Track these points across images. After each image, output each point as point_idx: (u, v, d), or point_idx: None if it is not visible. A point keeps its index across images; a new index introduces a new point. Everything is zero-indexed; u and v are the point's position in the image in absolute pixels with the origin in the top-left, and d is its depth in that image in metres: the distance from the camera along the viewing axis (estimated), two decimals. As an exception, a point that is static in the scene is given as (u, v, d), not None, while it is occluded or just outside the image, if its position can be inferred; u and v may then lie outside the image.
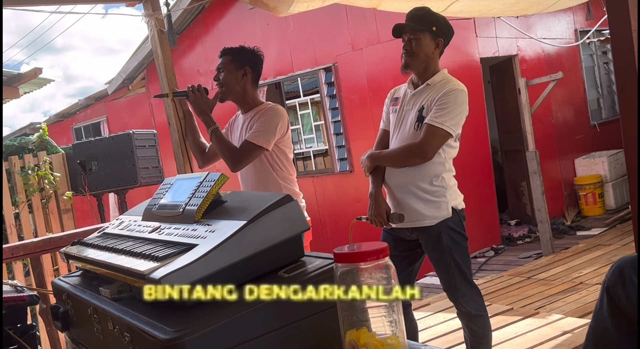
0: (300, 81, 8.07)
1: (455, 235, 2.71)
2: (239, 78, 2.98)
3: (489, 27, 7.25)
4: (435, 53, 2.76)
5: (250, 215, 1.28)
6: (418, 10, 2.80)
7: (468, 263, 2.77)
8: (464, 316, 2.78)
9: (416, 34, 2.72)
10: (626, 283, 1.11)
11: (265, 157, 2.92)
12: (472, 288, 2.77)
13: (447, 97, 2.63)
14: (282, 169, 2.96)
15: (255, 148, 2.85)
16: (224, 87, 3.00)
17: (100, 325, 1.37)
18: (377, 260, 1.11)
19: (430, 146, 2.63)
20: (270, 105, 3.00)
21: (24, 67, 41.07)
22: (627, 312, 1.11)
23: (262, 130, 2.85)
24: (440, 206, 2.69)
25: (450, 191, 2.72)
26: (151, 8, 3.35)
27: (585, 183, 7.93)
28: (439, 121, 2.61)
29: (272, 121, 2.88)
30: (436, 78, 2.74)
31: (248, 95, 3.03)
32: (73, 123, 12.42)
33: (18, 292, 2.25)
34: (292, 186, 3.01)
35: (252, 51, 3.04)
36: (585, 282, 5.01)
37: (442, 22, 2.77)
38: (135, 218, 1.68)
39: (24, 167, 5.12)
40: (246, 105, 3.05)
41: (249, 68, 3.00)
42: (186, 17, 9.08)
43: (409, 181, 2.72)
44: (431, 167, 2.68)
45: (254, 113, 2.99)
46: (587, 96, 8.67)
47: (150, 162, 4.90)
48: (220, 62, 3.01)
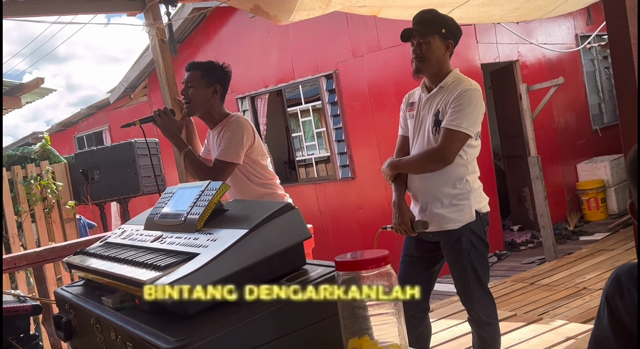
0: (302, 88, 8.09)
1: (475, 239, 2.67)
2: (209, 96, 2.96)
3: (490, 33, 7.27)
4: (445, 55, 2.71)
5: (251, 223, 1.28)
6: (426, 12, 2.74)
7: (485, 269, 2.74)
8: (475, 323, 2.74)
9: (425, 37, 2.66)
10: (624, 293, 1.11)
11: (239, 169, 2.93)
12: (487, 295, 2.73)
13: (460, 99, 2.59)
14: (258, 177, 2.98)
15: (227, 166, 2.86)
16: (191, 103, 2.97)
17: (103, 335, 1.37)
18: (379, 268, 1.11)
19: (450, 150, 2.59)
20: (233, 118, 2.98)
21: (27, 77, 41.16)
22: (626, 321, 1.10)
23: (228, 146, 2.86)
24: (463, 209, 2.65)
25: (474, 194, 2.68)
26: (152, 17, 3.37)
27: (587, 188, 7.92)
28: (455, 124, 2.57)
29: (237, 135, 2.88)
30: (449, 79, 2.69)
31: (214, 111, 3.01)
32: (75, 133, 12.45)
33: (21, 302, 2.25)
34: (274, 189, 3.02)
35: (222, 68, 3.01)
36: (589, 287, 5.00)
37: (450, 23, 2.72)
38: (137, 227, 1.68)
39: (26, 176, 5.13)
40: (212, 119, 3.03)
41: (219, 87, 2.97)
42: (187, 26, 9.11)
43: (432, 186, 2.68)
44: (454, 170, 2.64)
45: (220, 127, 2.98)
46: (589, 101, 8.68)
47: (152, 171, 4.90)
48: (189, 76, 2.96)
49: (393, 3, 4.00)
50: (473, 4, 4.18)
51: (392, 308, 1.12)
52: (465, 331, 4.18)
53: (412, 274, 2.80)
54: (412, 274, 2.80)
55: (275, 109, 9.04)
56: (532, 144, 6.31)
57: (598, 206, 7.86)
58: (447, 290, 5.95)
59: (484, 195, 2.75)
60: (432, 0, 4.02)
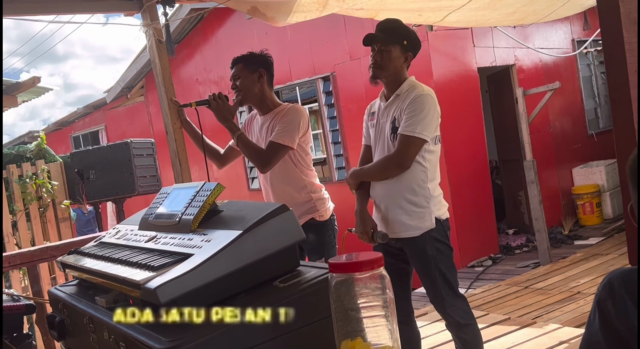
0: (299, 90, 8.10)
1: (439, 245, 2.70)
2: (256, 81, 3.05)
3: (487, 36, 7.28)
4: (403, 66, 2.77)
5: (246, 224, 1.29)
6: (391, 22, 2.81)
7: (453, 273, 2.76)
8: (453, 326, 2.77)
9: (387, 45, 2.72)
10: (616, 298, 1.12)
11: (289, 155, 2.99)
12: (459, 298, 2.76)
13: (413, 104, 2.65)
14: (303, 165, 3.06)
15: (281, 148, 2.92)
16: (242, 92, 3.06)
17: (96, 334, 1.37)
18: (372, 270, 1.11)
19: (406, 155, 2.65)
20: (290, 105, 3.08)
21: (24, 75, 41.11)
22: (617, 327, 1.11)
23: (286, 129, 2.93)
24: (423, 216, 2.69)
25: (434, 201, 2.71)
26: (149, 18, 3.36)
27: (582, 193, 7.93)
28: (409, 130, 2.63)
29: (294, 120, 2.95)
30: (404, 87, 2.75)
31: (266, 97, 3.10)
32: (71, 132, 12.43)
33: (14, 301, 2.25)
34: (314, 179, 3.11)
35: (262, 55, 3.12)
36: (583, 292, 5.01)
37: (412, 36, 2.78)
38: (132, 228, 1.68)
39: (21, 175, 5.12)
40: (265, 106, 3.11)
41: (263, 71, 3.06)
42: (185, 26, 9.11)
43: (393, 192, 2.73)
44: (413, 175, 2.69)
45: (273, 114, 3.06)
46: (585, 105, 8.69)
47: (148, 171, 4.90)
48: (234, 70, 3.08)
49: (390, 6, 4.01)
50: (470, 7, 4.19)
51: (385, 310, 1.13)
52: (459, 334, 4.18)
53: None
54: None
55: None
56: (528, 148, 6.33)
57: (593, 211, 7.88)
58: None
59: (444, 202, 2.79)
60: (428, 4, 4.03)
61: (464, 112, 6.78)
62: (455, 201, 6.52)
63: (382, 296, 1.13)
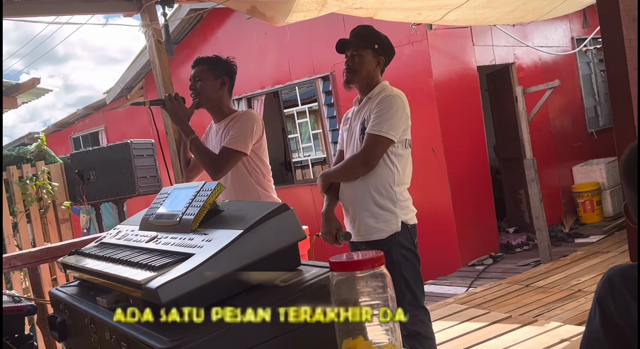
0: (298, 90, 8.10)
1: (405, 252, 2.67)
2: (217, 87, 2.98)
3: (486, 35, 7.28)
4: (376, 70, 2.80)
5: (246, 224, 1.29)
6: (362, 28, 2.86)
7: (418, 283, 2.72)
8: (410, 338, 2.67)
9: (359, 50, 2.76)
10: (616, 295, 1.12)
11: (243, 162, 2.92)
12: (421, 309, 2.72)
13: (381, 104, 2.67)
14: (259, 174, 2.97)
15: (234, 154, 2.84)
16: (200, 95, 2.99)
17: (97, 335, 1.37)
18: (373, 268, 1.11)
19: (371, 154, 2.65)
20: (243, 111, 3.02)
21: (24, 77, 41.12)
22: (618, 323, 1.11)
23: (238, 135, 2.85)
24: (389, 219, 2.67)
25: (401, 205, 2.69)
26: (148, 18, 3.37)
27: (583, 191, 7.93)
28: (376, 129, 2.64)
29: (247, 125, 2.88)
30: (375, 90, 2.77)
31: (223, 104, 3.03)
32: (71, 133, 12.42)
33: (16, 302, 2.25)
34: (270, 192, 3.01)
35: (228, 61, 3.05)
36: (584, 290, 5.01)
37: (384, 41, 2.82)
38: (133, 228, 1.68)
39: (22, 176, 5.13)
40: (220, 113, 3.04)
41: (227, 78, 3.01)
42: (184, 26, 9.11)
43: (359, 193, 2.72)
44: (379, 175, 2.68)
45: (228, 120, 2.99)
46: (585, 104, 8.69)
47: (148, 172, 4.90)
48: (196, 71, 3.00)
49: (389, 5, 4.01)
50: (469, 6, 4.19)
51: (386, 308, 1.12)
52: (461, 333, 4.19)
53: None
54: None
55: (271, 110, 9.04)
56: (528, 146, 6.32)
57: (593, 209, 7.88)
58: (443, 292, 5.96)
59: (411, 208, 2.77)
60: (427, 3, 4.03)
61: (464, 111, 6.78)
62: (455, 200, 6.53)
63: (383, 294, 1.13)
